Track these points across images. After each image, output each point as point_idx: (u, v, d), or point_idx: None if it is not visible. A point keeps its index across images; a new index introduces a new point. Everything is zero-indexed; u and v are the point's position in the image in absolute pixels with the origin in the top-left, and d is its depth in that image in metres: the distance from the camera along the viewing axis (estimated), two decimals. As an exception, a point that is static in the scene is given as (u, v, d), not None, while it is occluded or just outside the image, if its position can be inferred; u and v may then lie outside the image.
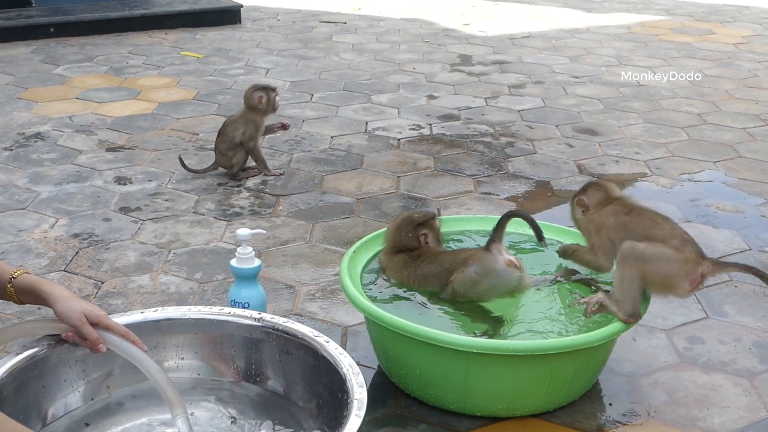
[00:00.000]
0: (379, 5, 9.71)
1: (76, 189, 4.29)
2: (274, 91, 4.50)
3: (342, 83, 6.35)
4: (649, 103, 5.99)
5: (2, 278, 2.21)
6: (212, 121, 5.32)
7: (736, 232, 3.95)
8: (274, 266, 3.52)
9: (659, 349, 3.01)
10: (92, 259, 3.57)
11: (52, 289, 2.19)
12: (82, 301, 2.21)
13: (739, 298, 3.36)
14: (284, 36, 7.98)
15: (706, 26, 8.94)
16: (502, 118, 5.58)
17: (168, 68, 6.68)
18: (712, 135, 5.33)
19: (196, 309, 2.49)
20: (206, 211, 4.07)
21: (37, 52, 7.07)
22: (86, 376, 2.36)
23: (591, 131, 5.35)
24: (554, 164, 4.76)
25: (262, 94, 4.42)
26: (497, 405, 2.57)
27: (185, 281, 3.41)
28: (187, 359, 2.48)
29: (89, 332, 2.16)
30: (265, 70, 6.67)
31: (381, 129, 5.30)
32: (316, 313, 3.18)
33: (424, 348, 2.50)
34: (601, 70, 6.90)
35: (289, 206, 4.13)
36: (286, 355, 2.40)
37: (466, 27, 8.61)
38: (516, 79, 6.57)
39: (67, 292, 2.20)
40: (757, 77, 6.79)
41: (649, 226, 2.67)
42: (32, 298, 2.21)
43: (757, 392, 2.78)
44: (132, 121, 5.35)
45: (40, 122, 5.30)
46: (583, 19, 9.19)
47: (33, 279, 2.21)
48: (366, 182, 4.44)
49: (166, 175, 4.48)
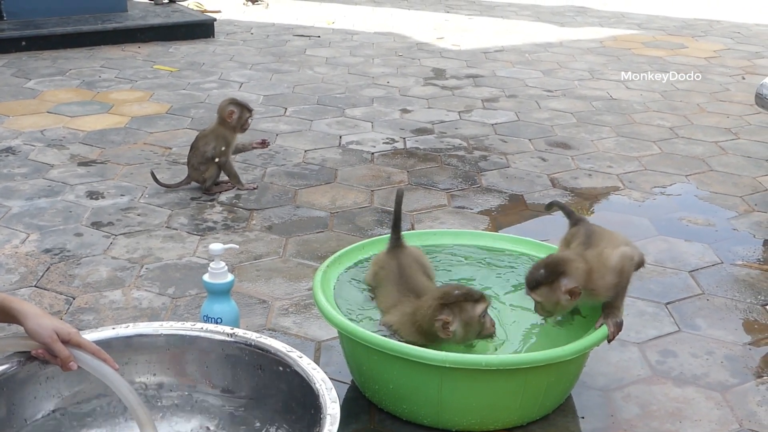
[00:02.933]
0: (353, 19, 9.73)
1: (48, 204, 4.26)
2: (250, 112, 4.45)
3: (316, 97, 6.35)
4: (621, 117, 6.03)
5: None
6: (185, 135, 5.30)
7: (708, 246, 3.97)
8: (248, 281, 3.51)
9: (632, 362, 3.02)
10: (64, 275, 3.55)
11: (22, 306, 2.17)
12: (54, 319, 2.19)
13: (711, 312, 3.38)
14: (258, 50, 7.98)
15: (677, 40, 9.01)
16: (475, 132, 5.59)
17: (141, 82, 6.65)
18: (684, 148, 5.37)
19: (169, 325, 2.48)
20: (179, 225, 4.05)
21: (9, 66, 7.03)
22: (57, 393, 2.34)
23: (564, 145, 5.38)
24: (528, 178, 4.77)
25: (235, 109, 4.38)
26: (470, 419, 2.57)
27: (158, 296, 3.38)
28: (159, 375, 2.46)
29: (60, 350, 2.14)
30: (239, 84, 6.66)
31: (355, 143, 5.30)
32: (290, 328, 3.17)
33: (397, 362, 2.50)
34: (574, 84, 6.94)
35: (263, 220, 4.12)
36: (259, 371, 2.38)
37: (439, 41, 8.64)
38: (489, 93, 6.59)
39: (37, 310, 2.18)
40: (728, 91, 6.85)
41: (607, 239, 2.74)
42: (2, 315, 2.19)
43: (729, 405, 2.79)
44: (104, 135, 5.32)
45: (11, 136, 5.26)
46: (556, 33, 9.25)
47: (2, 296, 2.19)
48: (340, 196, 4.43)
49: (139, 190, 4.45)
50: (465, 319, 2.54)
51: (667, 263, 3.77)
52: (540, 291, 2.58)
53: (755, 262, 3.83)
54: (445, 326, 2.52)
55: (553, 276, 2.56)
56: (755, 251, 3.94)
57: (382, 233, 3.84)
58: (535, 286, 2.59)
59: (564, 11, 10.80)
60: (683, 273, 3.70)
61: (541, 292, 2.58)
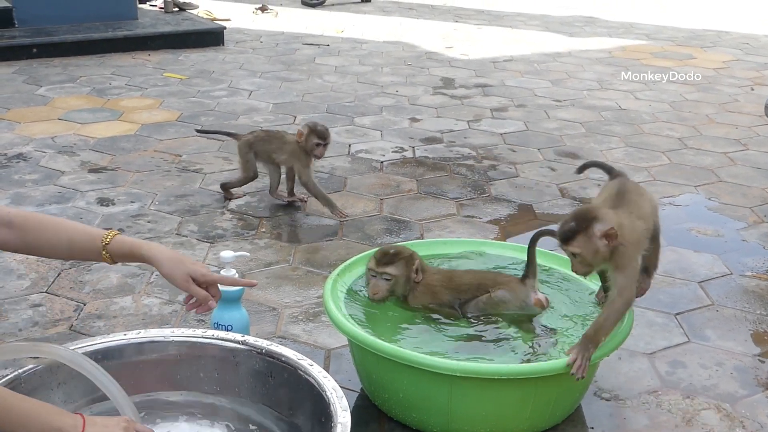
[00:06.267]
0: (362, 28, 9.75)
1: (59, 210, 4.27)
2: (321, 140, 4.21)
3: (325, 105, 6.37)
4: (630, 127, 6.03)
5: (93, 244, 2.25)
6: (195, 143, 5.32)
7: (717, 256, 3.97)
8: (257, 288, 3.51)
9: (641, 373, 3.02)
10: (74, 281, 3.56)
11: (154, 252, 2.25)
12: (187, 262, 2.28)
13: (721, 323, 3.38)
14: (267, 58, 8.00)
15: (686, 51, 9.02)
16: (484, 141, 5.60)
17: (151, 89, 6.68)
18: (693, 159, 5.37)
19: (180, 332, 2.48)
20: (189, 232, 4.06)
21: (20, 73, 7.06)
22: (70, 399, 2.34)
23: (573, 155, 5.38)
24: (537, 188, 4.78)
25: (304, 131, 4.23)
26: (480, 428, 2.57)
27: (168, 303, 3.39)
28: (170, 381, 2.46)
29: (197, 292, 2.27)
30: (248, 92, 6.68)
31: (364, 151, 5.31)
32: (299, 335, 3.18)
33: (406, 371, 2.50)
34: (583, 94, 6.95)
35: (272, 228, 4.13)
36: (270, 378, 2.39)
37: (448, 50, 8.66)
38: (498, 102, 6.60)
39: (168, 255, 2.26)
40: (737, 102, 6.85)
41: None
42: (132, 260, 2.29)
43: (738, 417, 2.79)
44: (115, 143, 5.34)
45: (22, 143, 5.28)
46: (565, 43, 9.26)
47: (130, 243, 2.27)
48: (349, 204, 4.44)
49: (149, 197, 4.47)
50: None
51: (677, 274, 3.77)
52: (576, 242, 2.47)
53: (765, 273, 3.83)
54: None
55: (586, 222, 2.47)
56: (765, 262, 3.94)
57: (391, 242, 3.85)
58: (570, 237, 2.48)
59: (572, 21, 10.81)
60: (693, 284, 3.70)
61: (577, 242, 2.47)
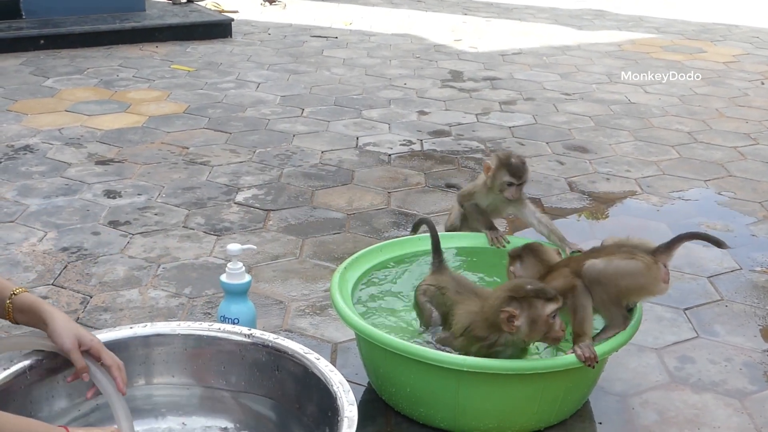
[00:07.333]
0: (370, 20, 9.72)
1: (65, 202, 4.27)
2: (515, 180, 3.18)
3: (333, 98, 6.35)
4: (639, 121, 6.01)
5: (2, 294, 2.21)
6: (202, 135, 5.31)
7: (727, 251, 3.94)
8: (264, 282, 3.50)
9: (650, 368, 3.00)
10: (81, 273, 3.55)
11: (50, 309, 2.19)
12: (79, 327, 2.21)
13: (730, 318, 3.36)
14: (275, 50, 7.98)
15: (696, 45, 8.97)
16: (493, 135, 5.58)
17: (158, 81, 6.67)
18: (703, 153, 5.34)
19: (186, 325, 2.48)
20: (196, 225, 4.05)
21: (27, 64, 7.05)
22: (76, 392, 2.33)
23: (582, 148, 5.36)
24: (545, 181, 4.76)
25: (492, 165, 3.23)
26: (487, 423, 2.56)
27: (174, 296, 3.38)
28: (176, 375, 2.46)
29: (77, 359, 2.16)
30: (256, 84, 6.67)
31: (372, 144, 5.30)
32: (306, 329, 3.17)
33: (414, 366, 2.49)
34: (592, 88, 6.92)
35: (280, 221, 4.12)
36: (276, 372, 2.38)
37: (457, 43, 8.63)
38: (507, 96, 6.58)
39: (65, 316, 2.20)
40: (747, 96, 6.82)
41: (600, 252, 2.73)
42: (29, 317, 2.21)
43: (747, 413, 2.77)
44: (122, 135, 5.33)
45: (29, 135, 5.28)
46: (574, 36, 9.22)
47: (33, 298, 2.22)
48: (357, 198, 4.42)
49: (156, 189, 4.46)
50: (532, 316, 2.40)
51: (686, 269, 3.75)
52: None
53: (774, 268, 3.81)
54: (510, 319, 2.40)
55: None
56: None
57: (398, 235, 3.83)
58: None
59: (582, 14, 10.77)
60: (702, 279, 3.68)
61: None
